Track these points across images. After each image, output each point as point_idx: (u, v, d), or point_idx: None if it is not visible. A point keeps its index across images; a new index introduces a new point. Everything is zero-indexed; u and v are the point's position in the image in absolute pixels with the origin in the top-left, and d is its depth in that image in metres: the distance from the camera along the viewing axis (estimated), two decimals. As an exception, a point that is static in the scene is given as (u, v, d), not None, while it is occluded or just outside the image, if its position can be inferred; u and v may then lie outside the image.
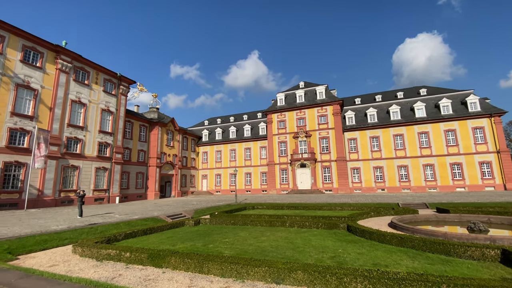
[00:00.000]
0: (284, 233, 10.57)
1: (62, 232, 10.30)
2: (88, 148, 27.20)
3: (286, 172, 41.74)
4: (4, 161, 20.39)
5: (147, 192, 35.84)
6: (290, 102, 44.33)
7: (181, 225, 12.94)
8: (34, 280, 5.11)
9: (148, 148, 37.26)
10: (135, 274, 5.94)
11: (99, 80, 29.23)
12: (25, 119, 22.12)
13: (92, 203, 26.23)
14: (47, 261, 7.15)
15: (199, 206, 21.82)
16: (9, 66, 21.31)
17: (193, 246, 8.73)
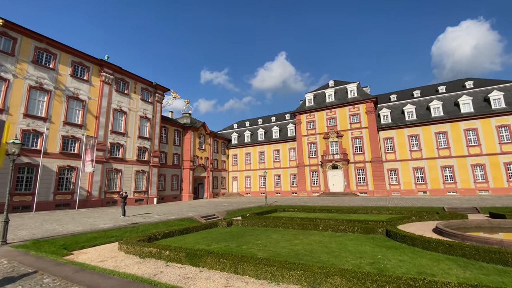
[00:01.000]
0: (317, 237, 10.32)
1: (108, 230, 11.21)
2: (128, 153, 29.35)
3: (316, 174, 40.76)
4: (58, 166, 22.85)
5: (182, 194, 37.50)
6: (320, 102, 43.32)
7: (215, 226, 13.30)
8: (88, 274, 5.63)
9: (182, 152, 39.05)
10: (175, 272, 6.24)
11: (137, 89, 31.45)
12: (75, 128, 24.59)
13: (133, 204, 28.16)
14: (97, 257, 7.83)
15: (231, 208, 22.23)
16: (61, 80, 23.91)
17: (227, 246, 8.92)
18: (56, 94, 23.35)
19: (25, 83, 21.35)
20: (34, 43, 22.26)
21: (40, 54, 22.69)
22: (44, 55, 22.91)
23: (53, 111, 23.00)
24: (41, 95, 22.40)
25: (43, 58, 22.86)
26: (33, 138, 21.50)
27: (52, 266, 6.19)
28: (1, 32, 20.19)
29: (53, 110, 22.96)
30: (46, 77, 22.72)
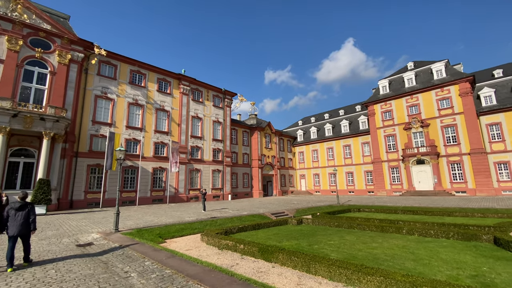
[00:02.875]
0: (400, 241, 9.16)
1: (192, 223, 12.71)
2: (205, 154, 32.63)
3: (397, 170, 36.25)
4: (153, 167, 27.24)
5: (252, 191, 39.33)
6: (397, 88, 38.37)
7: (285, 223, 13.41)
8: (177, 260, 6.51)
9: (250, 151, 40.97)
10: (249, 265, 6.58)
11: (209, 96, 34.63)
12: (163, 135, 28.83)
13: (211, 200, 31.12)
14: (184, 246, 8.97)
15: (300, 206, 22.01)
16: (150, 95, 28.42)
17: (298, 245, 8.86)
18: (147, 108, 27.92)
19: (125, 101, 26.29)
20: (130, 67, 27.19)
21: (134, 75, 27.55)
22: (137, 76, 27.74)
23: (146, 122, 27.58)
24: (137, 109, 27.19)
25: (136, 79, 27.68)
26: (134, 145, 26.28)
27: (150, 251, 7.43)
28: (105, 61, 25.43)
29: (146, 121, 27.54)
30: (139, 94, 27.44)
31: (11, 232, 5.85)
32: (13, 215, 5.91)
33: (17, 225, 5.86)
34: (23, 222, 5.93)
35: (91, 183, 23.00)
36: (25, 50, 20.44)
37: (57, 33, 21.97)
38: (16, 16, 20.23)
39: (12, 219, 5.89)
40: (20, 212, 5.96)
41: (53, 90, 21.16)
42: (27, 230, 6.05)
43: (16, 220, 5.88)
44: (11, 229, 5.85)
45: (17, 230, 5.85)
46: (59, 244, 8.46)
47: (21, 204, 6.06)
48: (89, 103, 23.72)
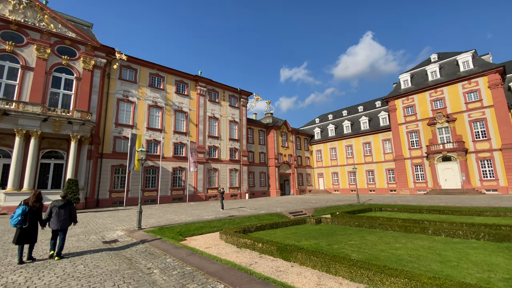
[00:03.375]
0: (426, 242, 8.75)
1: (211, 221, 12.92)
2: (222, 154, 33.02)
3: (421, 167, 34.67)
4: (172, 167, 27.99)
5: (270, 190, 39.28)
6: (419, 82, 36.65)
7: (303, 222, 13.27)
8: (197, 258, 6.65)
9: (266, 150, 40.93)
10: (268, 264, 6.58)
11: (225, 96, 34.97)
12: (182, 135, 29.52)
13: (229, 199, 31.46)
14: (203, 243, 9.13)
15: (318, 205, 21.67)
16: (169, 97, 29.18)
17: (317, 244, 8.73)
18: (166, 109, 28.71)
19: (146, 103, 27.18)
20: (149, 70, 28.07)
21: (153, 78, 28.41)
22: (156, 79, 28.58)
23: (166, 123, 28.36)
24: (156, 111, 28.03)
25: (155, 81, 28.53)
26: (154, 146, 27.13)
27: (172, 248, 7.63)
28: (126, 66, 26.43)
29: (165, 122, 28.33)
30: (159, 96, 28.26)
31: (53, 227, 6.66)
32: (56, 212, 6.71)
33: (60, 221, 6.69)
34: (65, 218, 6.78)
35: (115, 183, 24.06)
36: (52, 58, 21.74)
37: (82, 41, 23.17)
38: (43, 26, 21.57)
39: (55, 215, 6.68)
40: (62, 209, 6.79)
41: (79, 95, 22.36)
42: (67, 225, 6.84)
43: (59, 216, 6.70)
44: (54, 224, 6.65)
45: (59, 225, 6.68)
46: (87, 240, 8.92)
47: (64, 203, 6.87)
48: (112, 106, 24.80)
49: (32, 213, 6.37)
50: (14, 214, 6.15)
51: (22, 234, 6.15)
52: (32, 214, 6.38)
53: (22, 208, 6.22)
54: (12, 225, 6.07)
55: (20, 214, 6.12)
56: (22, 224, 6.12)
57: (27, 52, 20.68)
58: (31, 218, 6.32)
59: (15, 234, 6.18)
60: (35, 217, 6.45)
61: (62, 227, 6.72)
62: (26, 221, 6.20)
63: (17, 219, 6.07)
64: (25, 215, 6.21)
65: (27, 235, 6.24)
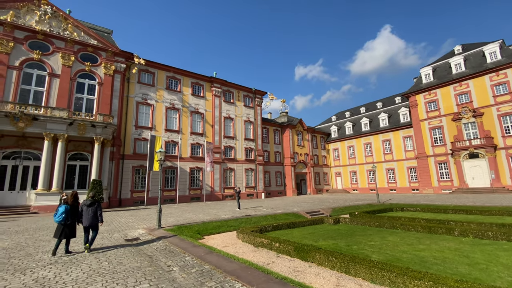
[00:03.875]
0: (452, 243, 8.32)
1: (228, 220, 13.05)
2: (238, 153, 33.25)
3: (446, 165, 33.02)
4: (190, 167, 28.57)
5: (286, 189, 39.05)
6: (442, 75, 34.91)
7: (321, 222, 13.06)
8: (215, 256, 6.73)
9: (282, 150, 40.71)
10: (285, 264, 6.53)
11: (240, 97, 35.19)
12: (198, 136, 30.05)
13: (245, 198, 31.62)
14: (221, 242, 9.23)
15: (336, 205, 21.25)
16: (185, 99, 29.81)
17: (335, 245, 8.56)
18: (183, 111, 29.35)
19: (163, 106, 27.94)
20: (166, 73, 28.81)
21: (170, 81, 29.13)
22: (172, 82, 29.29)
23: (183, 124, 29.00)
24: (174, 113, 28.73)
25: (172, 84, 29.23)
26: (172, 146, 27.82)
27: (190, 247, 7.79)
28: (144, 70, 27.29)
29: (182, 123, 28.97)
30: (175, 99, 28.95)
31: (84, 224, 7.33)
32: (85, 210, 7.38)
33: (88, 218, 7.31)
34: (92, 216, 7.35)
35: (136, 183, 24.94)
36: (76, 65, 22.89)
37: (103, 47, 24.21)
38: (67, 35, 22.75)
39: (85, 214, 7.35)
40: (90, 208, 7.40)
41: (101, 99, 23.40)
42: (95, 222, 7.43)
43: (88, 214, 7.34)
44: (84, 221, 7.32)
45: (88, 222, 7.31)
46: (111, 238, 9.31)
47: (91, 202, 7.49)
48: (132, 109, 25.71)
49: (72, 211, 7.17)
50: (57, 212, 6.95)
51: (64, 230, 6.94)
52: (73, 212, 7.18)
53: (64, 206, 7.01)
54: (56, 221, 6.86)
55: (63, 212, 6.92)
56: (65, 221, 6.92)
57: (53, 60, 21.92)
58: (71, 216, 7.10)
59: (57, 230, 6.94)
60: (74, 214, 7.24)
61: (90, 224, 7.33)
62: (68, 218, 7.00)
63: (61, 217, 6.87)
64: (67, 213, 6.98)
65: (68, 231, 7.04)
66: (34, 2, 21.67)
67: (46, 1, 22.08)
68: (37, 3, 21.76)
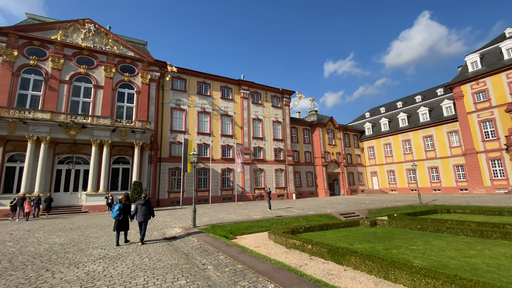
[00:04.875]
0: (508, 249, 7.41)
1: (260, 220, 13.13)
2: (267, 154, 33.33)
3: (499, 162, 29.50)
4: (221, 168, 29.35)
5: (318, 190, 38.10)
6: (492, 62, 31.28)
7: (356, 224, 12.52)
8: (248, 256, 6.82)
9: (312, 149, 39.83)
10: (318, 267, 6.38)
11: (268, 97, 35.27)
12: (228, 138, 30.76)
13: (276, 199, 31.52)
14: (253, 243, 9.33)
15: (373, 206, 20.18)
16: (215, 103, 30.73)
17: (372, 248, 8.14)
18: (213, 114, 30.30)
19: (195, 110, 29.12)
20: (196, 79, 30.01)
21: (201, 86, 30.27)
22: (203, 87, 30.40)
23: (213, 127, 29.94)
24: (205, 117, 29.79)
25: (203, 89, 30.34)
26: (204, 149, 28.85)
27: (223, 246, 7.99)
28: (177, 77, 28.72)
29: (213, 126, 29.91)
30: (206, 103, 30.00)
31: (138, 219, 8.71)
32: (140, 208, 8.74)
33: (142, 215, 8.68)
34: (145, 213, 8.74)
35: (172, 184, 26.32)
36: (117, 76, 24.91)
37: (139, 58, 26.03)
38: (108, 49, 24.87)
39: (139, 211, 8.72)
40: (143, 206, 8.79)
41: (139, 107, 25.17)
42: (147, 218, 8.80)
43: (142, 211, 8.71)
44: (139, 217, 8.70)
45: (142, 218, 8.69)
46: (150, 236, 9.94)
47: (144, 201, 8.88)
48: (167, 114, 27.23)
49: (125, 208, 8.62)
50: (114, 209, 8.45)
51: (119, 224, 8.45)
52: (125, 210, 8.64)
53: (118, 205, 8.54)
54: (113, 217, 8.36)
55: (117, 209, 8.43)
56: (119, 216, 8.38)
57: (97, 73, 24.13)
58: (124, 212, 8.57)
59: (114, 224, 8.47)
60: (126, 211, 8.69)
61: (144, 220, 8.71)
62: (121, 214, 8.46)
63: (116, 213, 8.39)
64: (121, 210, 8.46)
65: (122, 225, 8.55)
66: (80, 22, 24.09)
67: (89, 20, 24.41)
68: (82, 22, 24.16)
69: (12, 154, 20.22)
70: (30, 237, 10.24)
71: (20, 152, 20.17)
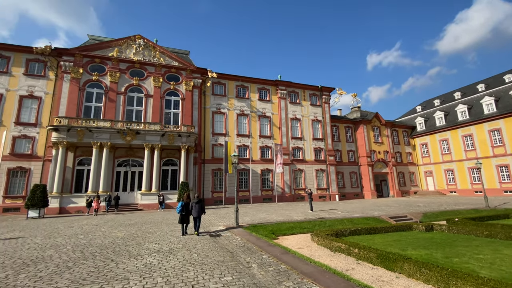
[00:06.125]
0: None
1: (301, 222, 12.94)
2: (307, 154, 32.65)
3: None
4: (261, 169, 29.69)
5: (363, 191, 35.96)
6: None
7: (408, 229, 11.52)
8: (291, 257, 6.79)
9: (356, 148, 37.75)
10: (367, 272, 6.04)
11: (306, 96, 34.58)
12: (267, 139, 30.99)
13: (317, 200, 30.66)
14: (295, 244, 9.24)
15: (428, 209, 18.31)
16: (253, 105, 31.25)
17: (429, 255, 7.41)
18: (252, 116, 30.86)
19: (234, 113, 30.02)
20: (235, 83, 30.93)
21: (239, 89, 31.10)
22: (241, 90, 31.20)
23: (252, 128, 30.48)
24: (243, 119, 30.52)
25: (241, 92, 31.14)
26: (244, 150, 29.54)
27: (266, 246, 8.08)
28: (216, 82, 29.97)
29: (251, 128, 30.47)
30: (244, 105, 30.71)
31: (193, 215, 10.43)
32: (194, 206, 10.47)
33: (196, 211, 10.42)
34: (199, 210, 10.46)
35: (215, 184, 27.54)
36: (164, 85, 27.06)
37: (183, 67, 27.91)
38: (156, 61, 27.16)
39: (194, 208, 10.45)
40: (197, 204, 10.51)
41: (184, 112, 26.97)
42: (200, 214, 10.54)
43: (196, 208, 10.44)
44: (193, 213, 10.42)
45: (197, 214, 10.42)
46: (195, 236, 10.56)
47: (198, 200, 10.65)
48: (209, 118, 28.64)
49: (185, 205, 10.40)
50: (178, 206, 10.34)
51: (182, 218, 10.27)
52: (186, 206, 10.41)
53: (181, 203, 10.38)
54: (177, 212, 10.30)
55: (180, 206, 10.29)
56: (182, 212, 10.22)
57: (147, 83, 26.53)
58: (185, 209, 10.34)
59: (179, 218, 10.34)
60: (187, 208, 10.44)
61: (198, 215, 10.43)
62: (183, 210, 10.25)
63: (179, 209, 10.29)
64: (183, 207, 10.28)
65: (184, 219, 10.31)
66: (131, 38, 26.80)
67: (139, 35, 27.01)
68: (133, 38, 26.85)
69: (81, 158, 23.38)
70: (97, 231, 11.71)
71: (87, 157, 23.19)
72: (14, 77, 23.17)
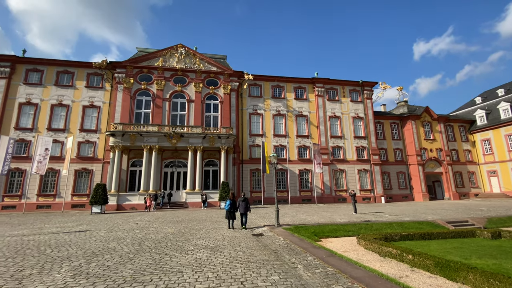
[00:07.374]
0: None
1: (345, 224, 12.45)
2: (348, 153, 31.23)
3: None
4: (298, 169, 29.29)
5: (413, 193, 33.10)
6: None
7: (470, 235, 10.29)
8: (337, 260, 6.59)
9: (403, 146, 34.93)
10: (424, 280, 5.58)
11: (345, 92, 33.11)
12: (304, 138, 30.45)
13: (361, 202, 29.11)
14: (340, 247, 8.92)
15: (493, 214, 16.12)
16: (289, 104, 30.99)
17: (498, 265, 6.54)
18: (288, 116, 30.64)
19: (271, 113, 30.16)
20: (271, 83, 31.05)
21: (275, 90, 31.14)
22: (277, 90, 31.20)
23: (289, 128, 30.26)
24: (280, 119, 30.46)
25: (277, 92, 31.13)
26: (281, 150, 29.47)
27: (310, 247, 7.97)
28: (253, 84, 30.46)
29: (288, 128, 30.25)
30: (280, 105, 30.64)
31: (240, 211, 11.89)
32: (241, 204, 11.93)
33: (243, 208, 11.86)
34: (245, 207, 11.89)
35: (253, 184, 27.99)
36: (204, 90, 28.42)
37: (221, 72, 28.99)
38: (196, 67, 28.65)
39: (241, 205, 11.92)
40: (243, 202, 11.97)
41: (223, 115, 28.01)
42: (247, 211, 11.94)
43: (242, 206, 11.90)
44: (240, 210, 11.87)
45: (243, 211, 11.86)
46: (241, 232, 10.88)
47: (244, 198, 12.09)
48: (246, 120, 29.25)
49: (232, 203, 11.77)
50: (226, 204, 11.73)
51: (229, 214, 11.68)
52: (232, 204, 11.77)
53: (229, 201, 11.74)
54: (225, 209, 11.78)
55: (228, 204, 11.69)
56: (230, 209, 11.64)
57: (189, 89, 28.15)
58: (232, 206, 11.74)
59: (226, 214, 11.78)
60: (233, 205, 11.82)
61: (244, 212, 11.85)
62: (231, 207, 11.68)
63: (227, 206, 11.72)
64: (231, 204, 11.69)
65: (231, 215, 11.71)
66: (174, 48, 28.71)
67: (181, 44, 28.80)
68: (175, 47, 28.73)
69: (133, 160, 25.78)
70: (150, 226, 12.80)
71: (139, 159, 25.47)
72: (78, 89, 26.56)
